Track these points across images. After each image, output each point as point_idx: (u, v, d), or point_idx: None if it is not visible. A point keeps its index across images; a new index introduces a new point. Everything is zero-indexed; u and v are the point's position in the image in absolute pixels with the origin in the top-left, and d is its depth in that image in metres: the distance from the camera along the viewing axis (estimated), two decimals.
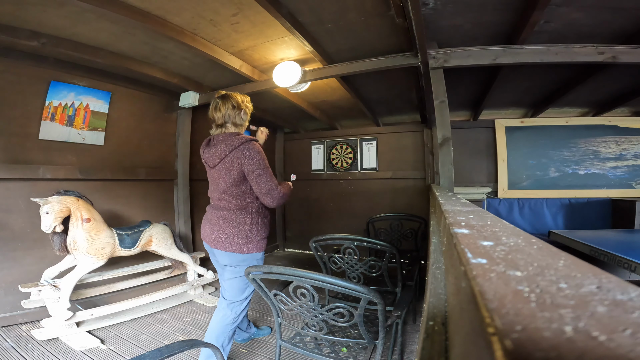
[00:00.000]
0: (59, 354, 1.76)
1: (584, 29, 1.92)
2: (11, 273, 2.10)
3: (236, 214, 1.52)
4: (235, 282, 1.57)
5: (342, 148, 4.46)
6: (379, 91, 3.18)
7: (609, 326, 0.14)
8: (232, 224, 1.52)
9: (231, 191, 1.51)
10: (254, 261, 1.55)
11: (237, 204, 1.53)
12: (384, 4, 1.71)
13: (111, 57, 2.30)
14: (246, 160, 1.45)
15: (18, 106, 2.18)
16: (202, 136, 3.50)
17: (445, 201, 0.96)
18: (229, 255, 1.53)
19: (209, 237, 1.59)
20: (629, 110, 3.51)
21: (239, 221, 1.52)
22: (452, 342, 0.38)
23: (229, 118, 1.55)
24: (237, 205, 1.53)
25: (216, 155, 1.51)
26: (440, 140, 2.07)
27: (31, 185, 2.21)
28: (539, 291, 0.19)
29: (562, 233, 2.37)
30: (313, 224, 4.61)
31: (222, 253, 1.54)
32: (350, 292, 1.13)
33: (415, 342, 2.00)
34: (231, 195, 1.52)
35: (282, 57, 2.45)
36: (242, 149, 1.46)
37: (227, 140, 1.50)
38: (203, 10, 1.81)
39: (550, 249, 0.29)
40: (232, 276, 1.57)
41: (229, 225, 1.52)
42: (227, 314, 1.59)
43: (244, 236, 1.51)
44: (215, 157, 1.52)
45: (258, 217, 1.56)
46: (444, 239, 0.59)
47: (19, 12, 1.77)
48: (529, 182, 3.55)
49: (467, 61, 2.06)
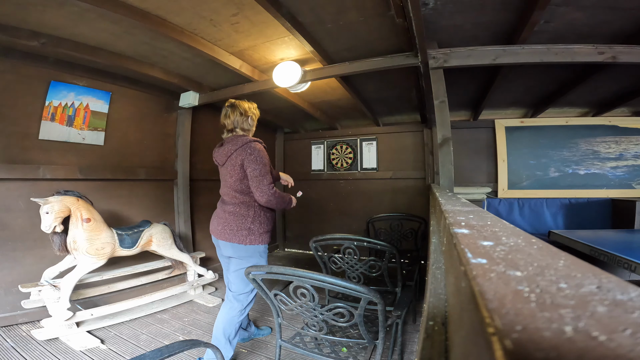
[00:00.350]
0: (59, 354, 1.76)
1: (584, 29, 1.92)
2: (11, 273, 2.10)
3: (240, 207, 1.65)
4: (241, 273, 1.63)
5: (342, 148, 4.46)
6: (379, 91, 3.18)
7: (609, 326, 0.14)
8: (236, 216, 1.63)
9: (236, 186, 1.63)
10: (256, 253, 1.65)
11: (242, 198, 1.65)
12: (384, 4, 1.71)
13: (111, 57, 2.30)
14: (246, 157, 1.59)
15: (18, 106, 2.18)
16: (202, 136, 3.52)
17: (445, 201, 0.96)
18: (232, 246, 1.63)
19: (215, 229, 1.70)
20: (629, 110, 3.51)
21: (243, 214, 1.64)
22: (452, 342, 0.38)
23: (238, 124, 1.71)
24: (241, 199, 1.65)
25: (224, 153, 1.67)
26: (440, 140, 2.07)
27: (31, 185, 2.21)
28: (539, 291, 0.19)
29: (562, 233, 2.37)
30: (313, 224, 4.61)
31: (226, 244, 1.65)
32: (350, 292, 1.13)
33: (415, 342, 2.00)
34: (236, 190, 1.64)
35: (282, 57, 2.45)
36: (245, 147, 1.61)
37: (234, 140, 1.66)
38: (203, 10, 1.81)
39: (550, 249, 0.29)
40: (237, 267, 1.66)
41: (234, 217, 1.64)
42: (234, 306, 1.65)
43: (246, 228, 1.62)
44: (223, 155, 1.67)
45: (261, 211, 1.67)
46: (444, 239, 0.59)
47: (19, 12, 1.77)
48: (529, 182, 3.55)
49: (467, 61, 2.06)
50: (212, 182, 3.72)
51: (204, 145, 3.58)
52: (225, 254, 1.70)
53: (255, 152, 1.59)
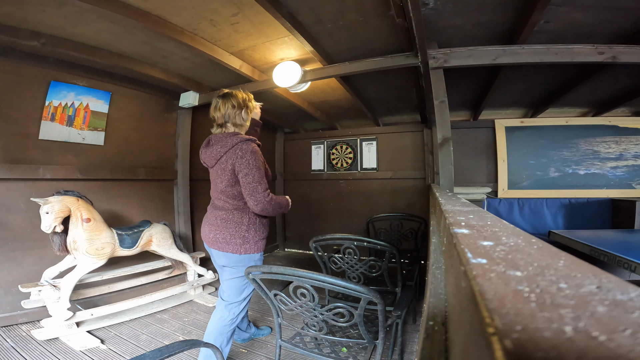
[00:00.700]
0: (59, 354, 1.76)
1: (584, 29, 1.92)
2: (11, 273, 2.09)
3: (234, 214, 1.51)
4: (234, 282, 1.55)
5: (342, 148, 4.46)
6: (379, 91, 3.18)
7: (609, 326, 0.14)
8: (230, 224, 1.50)
9: (228, 191, 1.49)
10: (251, 262, 1.52)
11: (235, 204, 1.51)
12: (384, 4, 1.71)
13: (111, 57, 2.30)
14: (237, 160, 1.43)
15: (18, 106, 2.18)
16: (202, 136, 3.50)
17: (445, 201, 0.96)
18: (226, 256, 1.51)
19: (207, 237, 1.58)
20: (629, 110, 3.51)
21: (236, 221, 1.50)
22: (452, 342, 0.38)
23: (229, 118, 1.53)
24: (234, 205, 1.51)
25: (212, 155, 1.51)
26: (440, 140, 2.07)
27: (31, 185, 2.21)
28: (539, 291, 0.19)
29: (562, 233, 2.37)
30: (313, 224, 4.61)
31: (219, 253, 1.53)
32: (350, 292, 1.13)
33: (415, 342, 2.00)
34: (228, 195, 1.50)
35: (282, 57, 2.45)
36: (236, 148, 1.44)
37: (223, 140, 1.49)
38: (203, 10, 1.81)
39: (550, 249, 0.29)
40: (230, 277, 1.56)
41: (226, 225, 1.50)
42: (224, 315, 1.57)
43: (241, 236, 1.49)
44: (212, 157, 1.51)
45: (256, 218, 1.54)
46: (444, 239, 0.59)
47: (19, 12, 1.77)
48: (529, 182, 3.55)
49: (467, 61, 2.06)
50: None
51: None
52: (218, 262, 1.59)
53: (247, 155, 1.42)
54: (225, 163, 1.46)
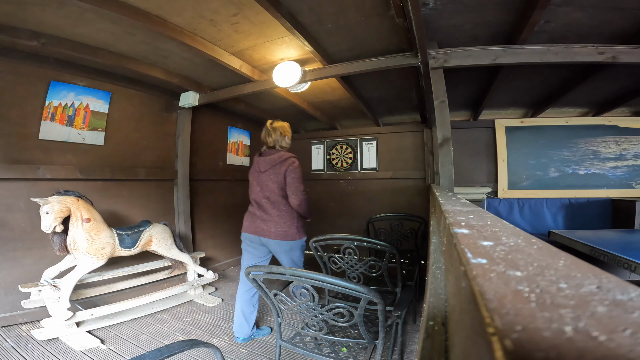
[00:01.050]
0: (59, 354, 1.76)
1: (584, 29, 1.92)
2: (11, 273, 2.10)
3: (287, 210, 1.97)
4: (297, 257, 2.01)
5: (342, 148, 4.46)
6: (379, 91, 3.18)
7: (609, 326, 0.14)
8: (286, 219, 1.96)
9: (280, 192, 1.95)
10: (303, 245, 2.03)
11: (286, 202, 1.97)
12: (384, 4, 1.71)
13: (111, 57, 2.30)
14: (289, 167, 1.95)
15: (18, 106, 2.18)
16: (202, 136, 3.53)
17: (445, 201, 0.96)
18: (287, 243, 1.95)
19: (261, 229, 1.96)
20: (629, 110, 3.51)
21: (291, 215, 1.97)
22: (452, 342, 0.38)
23: (277, 142, 2.06)
24: (285, 203, 1.97)
25: (268, 162, 1.98)
26: (440, 140, 2.07)
27: (31, 185, 2.21)
28: (539, 291, 0.19)
29: (562, 233, 2.37)
30: (313, 224, 4.56)
31: (279, 242, 1.94)
32: (350, 292, 1.12)
33: (415, 342, 2.00)
34: (280, 195, 1.95)
35: (282, 57, 2.45)
36: (288, 160, 1.98)
37: (278, 154, 2.01)
38: (203, 10, 1.81)
39: (550, 249, 0.29)
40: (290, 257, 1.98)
41: (283, 220, 1.95)
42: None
43: (295, 227, 1.97)
44: (268, 163, 1.98)
45: (298, 214, 2.02)
46: (444, 239, 0.59)
47: (19, 12, 1.77)
48: (529, 182, 3.55)
49: (467, 61, 2.06)
50: (212, 182, 3.72)
51: (204, 145, 3.58)
52: (274, 249, 1.98)
53: (295, 164, 1.98)
54: (280, 168, 1.95)
